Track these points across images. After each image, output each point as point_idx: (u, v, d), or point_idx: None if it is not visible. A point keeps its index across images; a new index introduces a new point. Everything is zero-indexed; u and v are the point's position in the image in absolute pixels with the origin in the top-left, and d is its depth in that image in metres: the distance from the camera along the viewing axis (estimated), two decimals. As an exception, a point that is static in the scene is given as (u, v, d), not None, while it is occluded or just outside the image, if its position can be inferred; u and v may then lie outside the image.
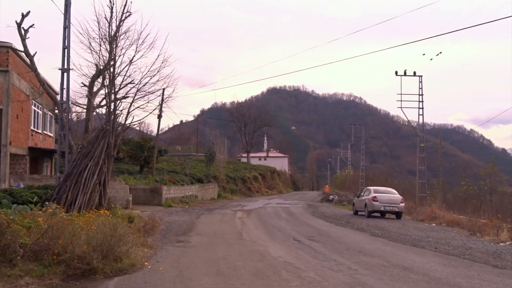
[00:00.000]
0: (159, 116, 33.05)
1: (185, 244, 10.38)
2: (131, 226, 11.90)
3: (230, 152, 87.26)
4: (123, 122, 14.33)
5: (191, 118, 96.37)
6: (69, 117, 14.98)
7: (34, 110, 22.74)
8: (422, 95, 34.19)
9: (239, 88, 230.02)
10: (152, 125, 48.10)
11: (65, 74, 15.14)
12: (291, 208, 28.37)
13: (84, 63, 14.78)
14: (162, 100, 33.57)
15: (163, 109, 33.48)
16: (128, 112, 14.28)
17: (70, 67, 15.10)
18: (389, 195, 20.72)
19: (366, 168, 75.26)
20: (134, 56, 14.07)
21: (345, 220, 19.27)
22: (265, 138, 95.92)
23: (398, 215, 20.56)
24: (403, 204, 20.56)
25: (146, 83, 14.27)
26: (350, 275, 6.88)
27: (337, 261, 8.15)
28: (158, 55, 14.32)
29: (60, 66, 15.25)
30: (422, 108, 34.03)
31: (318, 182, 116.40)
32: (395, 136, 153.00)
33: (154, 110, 14.79)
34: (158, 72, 14.33)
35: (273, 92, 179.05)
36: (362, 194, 22.80)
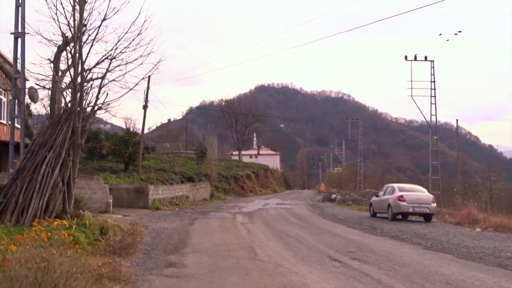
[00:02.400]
0: (145, 107, 29.59)
1: (179, 272, 7.02)
2: (100, 242, 8.52)
3: (220, 150, 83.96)
4: (94, 101, 10.82)
5: (178, 117, 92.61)
6: (25, 95, 11.44)
7: (11, 103, 19.06)
8: (434, 82, 31.20)
9: (225, 88, 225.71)
10: (138, 122, 44.68)
11: (19, 39, 11.66)
12: (295, 209, 25.16)
13: (46, 24, 11.26)
14: (148, 87, 30.09)
15: (148, 99, 30.13)
16: (101, 87, 10.80)
17: (26, 31, 11.62)
18: (417, 193, 17.56)
19: (356, 165, 72.42)
20: (106, 12, 10.57)
21: (368, 224, 16.10)
22: (255, 135, 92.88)
23: (428, 217, 17.43)
24: (434, 205, 17.43)
25: (124, 48, 10.80)
26: None
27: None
28: (139, 13, 10.86)
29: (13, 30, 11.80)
30: (435, 96, 31.03)
31: (309, 180, 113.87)
32: (384, 133, 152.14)
33: (135, 86, 11.32)
34: (139, 34, 10.88)
35: (261, 90, 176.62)
36: (381, 193, 19.64)
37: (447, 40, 32.87)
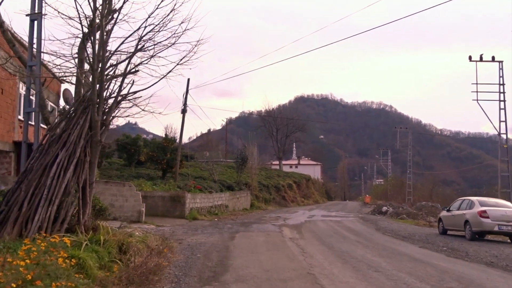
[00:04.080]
0: (183, 111, 27.96)
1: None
2: (117, 264, 6.47)
3: (259, 160, 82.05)
4: (117, 91, 8.91)
5: (218, 127, 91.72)
6: (40, 84, 9.70)
7: (24, 95, 17.78)
8: (503, 84, 27.74)
9: (266, 97, 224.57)
10: (178, 131, 42.50)
11: (35, 22, 10.02)
12: (346, 222, 22.53)
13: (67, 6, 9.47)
14: (187, 91, 28.52)
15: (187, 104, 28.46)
16: (125, 74, 8.87)
17: (43, 12, 9.94)
18: (504, 209, 14.52)
19: (400, 177, 68.25)
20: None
21: (443, 244, 13.29)
22: (294, 145, 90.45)
23: (516, 237, 14.39)
24: (526, 223, 14.35)
25: (155, 26, 8.85)
26: None
27: None
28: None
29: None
30: (504, 100, 27.54)
31: (350, 191, 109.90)
32: (428, 145, 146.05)
33: (169, 72, 9.30)
34: (172, 10, 8.90)
35: (301, 101, 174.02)
36: (454, 207, 16.67)
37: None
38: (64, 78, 12.36)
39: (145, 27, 8.95)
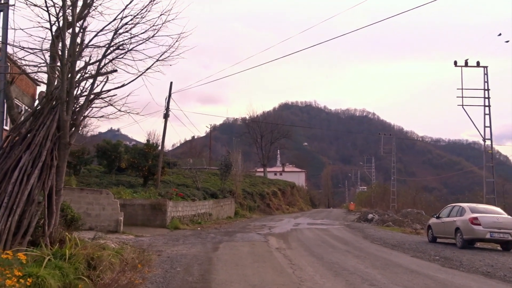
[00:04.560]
0: (166, 115, 27.10)
1: None
2: (84, 282, 5.67)
3: (244, 167, 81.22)
4: (89, 88, 8.13)
5: (202, 134, 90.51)
6: (5, 80, 8.85)
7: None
8: (488, 90, 27.70)
9: (251, 103, 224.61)
10: (160, 136, 41.13)
11: (1, 13, 9.19)
12: (333, 230, 21.98)
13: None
14: (170, 95, 27.74)
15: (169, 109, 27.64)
16: (99, 69, 8.11)
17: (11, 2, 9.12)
18: (496, 215, 14.10)
19: (383, 184, 68.38)
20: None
21: (435, 253, 12.77)
22: (278, 152, 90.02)
23: (509, 245, 13.97)
24: (518, 229, 13.95)
25: (134, 17, 8.13)
26: None
27: None
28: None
29: None
30: (489, 106, 27.47)
31: (333, 198, 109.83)
32: (409, 152, 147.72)
33: (147, 70, 8.55)
34: (151, 1, 8.19)
35: (285, 108, 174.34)
36: (444, 214, 16.22)
37: (507, 41, 28.24)
38: (37, 78, 11.55)
39: (122, 18, 8.23)
